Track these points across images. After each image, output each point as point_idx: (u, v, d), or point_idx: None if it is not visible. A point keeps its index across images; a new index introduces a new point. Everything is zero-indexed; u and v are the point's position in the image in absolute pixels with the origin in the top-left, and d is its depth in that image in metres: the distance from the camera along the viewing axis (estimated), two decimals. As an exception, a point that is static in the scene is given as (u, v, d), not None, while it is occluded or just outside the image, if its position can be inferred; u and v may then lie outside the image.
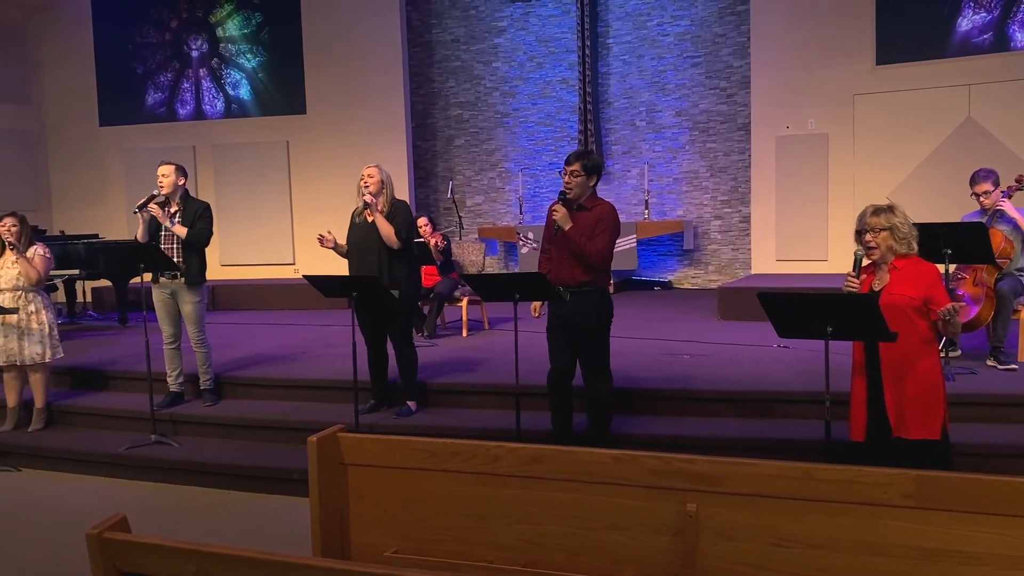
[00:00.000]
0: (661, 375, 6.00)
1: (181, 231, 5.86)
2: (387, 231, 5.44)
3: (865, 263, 3.77)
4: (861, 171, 10.11)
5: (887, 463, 3.22)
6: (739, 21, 11.62)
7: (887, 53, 9.92)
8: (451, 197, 11.75)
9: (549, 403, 5.01)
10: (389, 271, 5.48)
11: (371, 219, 5.47)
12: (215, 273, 12.34)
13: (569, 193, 4.76)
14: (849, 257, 3.78)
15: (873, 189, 9.32)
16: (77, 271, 9.16)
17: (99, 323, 10.12)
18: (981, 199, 5.84)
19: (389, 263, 5.49)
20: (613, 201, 5.17)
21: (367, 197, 5.48)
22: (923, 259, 3.72)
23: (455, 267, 8.40)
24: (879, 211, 3.71)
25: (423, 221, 8.25)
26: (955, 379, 5.31)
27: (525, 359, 4.97)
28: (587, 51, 12.14)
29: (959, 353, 6.02)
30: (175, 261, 5.82)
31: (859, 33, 10.03)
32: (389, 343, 5.70)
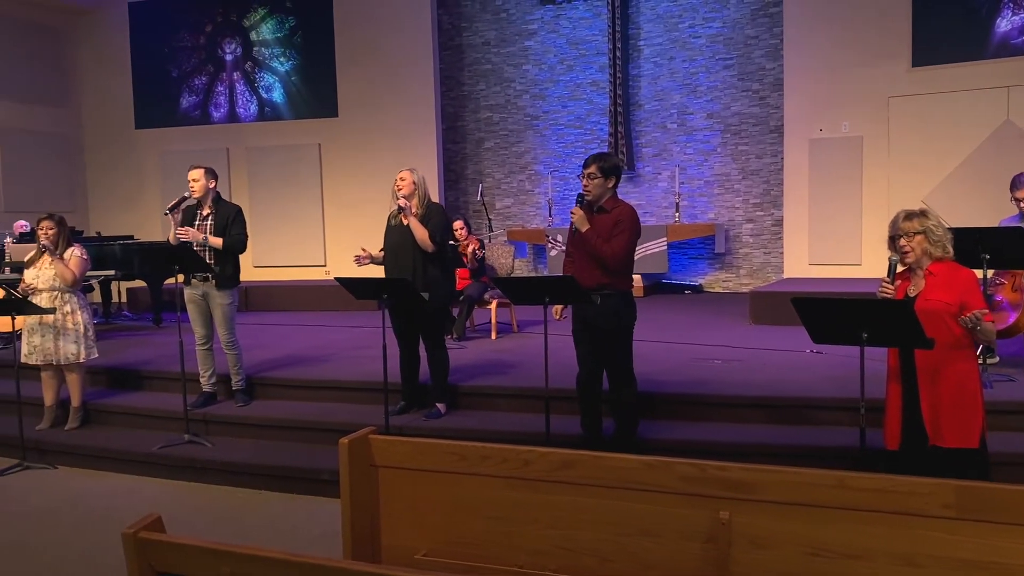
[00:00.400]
0: (691, 379, 5.95)
1: (217, 242, 5.91)
2: (421, 234, 5.46)
3: (900, 269, 3.72)
4: (896, 175, 9.97)
5: (922, 472, 3.17)
6: (772, 23, 11.52)
7: (923, 54, 9.78)
8: (480, 199, 11.76)
9: (579, 407, 5.00)
10: (423, 274, 5.50)
11: (406, 222, 5.50)
12: (248, 274, 12.46)
13: (587, 195, 4.75)
14: (883, 261, 3.72)
15: (908, 193, 9.19)
16: (113, 272, 9.30)
17: (134, 323, 10.27)
18: (1022, 204, 5.73)
19: (423, 266, 5.51)
20: (643, 204, 5.16)
21: (400, 201, 5.50)
22: (959, 264, 3.66)
23: (487, 271, 8.41)
24: (911, 215, 3.66)
25: (459, 224, 8.26)
26: (993, 386, 5.21)
27: (555, 362, 4.96)
28: (618, 53, 12.11)
29: (997, 360, 5.91)
30: (208, 263, 5.88)
31: (895, 34, 9.90)
32: (421, 345, 5.72)
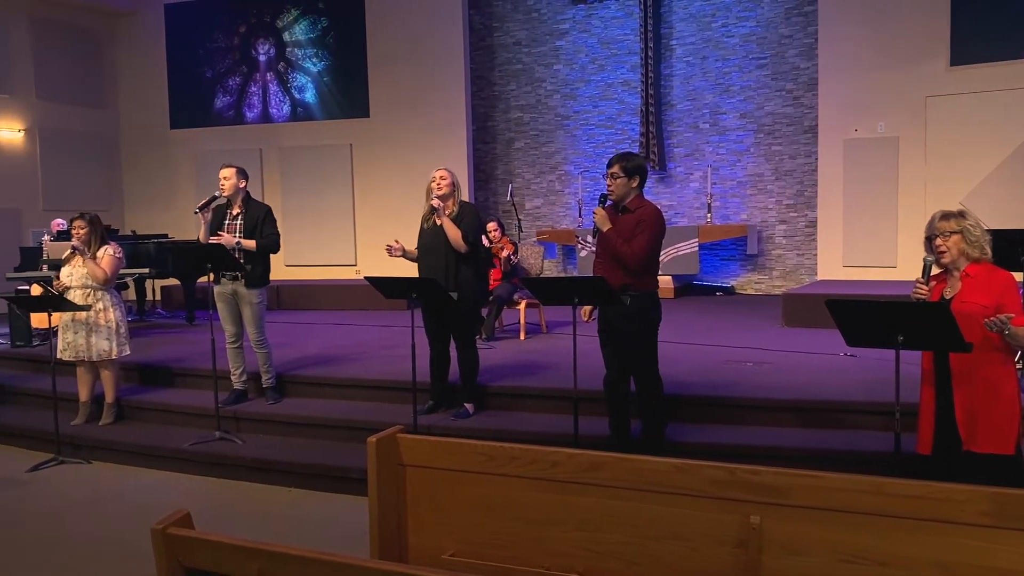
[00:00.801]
0: (722, 382, 5.89)
1: (251, 245, 5.93)
2: (454, 235, 5.45)
3: (935, 271, 3.64)
4: (933, 176, 9.81)
5: (956, 478, 3.11)
6: (806, 22, 11.39)
7: (962, 53, 9.61)
8: (510, 200, 11.75)
9: (606, 408, 4.97)
10: (456, 274, 5.49)
11: (439, 223, 5.50)
12: (280, 273, 12.57)
13: (611, 195, 4.72)
14: (919, 264, 3.65)
15: (945, 194, 9.04)
16: (147, 270, 9.41)
17: (167, 321, 10.39)
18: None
19: (456, 266, 5.50)
20: (675, 204, 5.11)
21: (435, 202, 5.49)
22: (997, 266, 3.58)
23: (518, 272, 8.40)
24: (948, 215, 3.59)
25: (492, 226, 8.26)
26: (1032, 392, 5.10)
27: (584, 363, 4.93)
28: (650, 53, 12.04)
29: (1036, 364, 5.78)
30: (240, 262, 5.92)
31: (933, 33, 9.74)
32: (452, 345, 5.73)
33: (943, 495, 2.55)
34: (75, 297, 6.16)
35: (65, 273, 6.28)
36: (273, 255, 6.16)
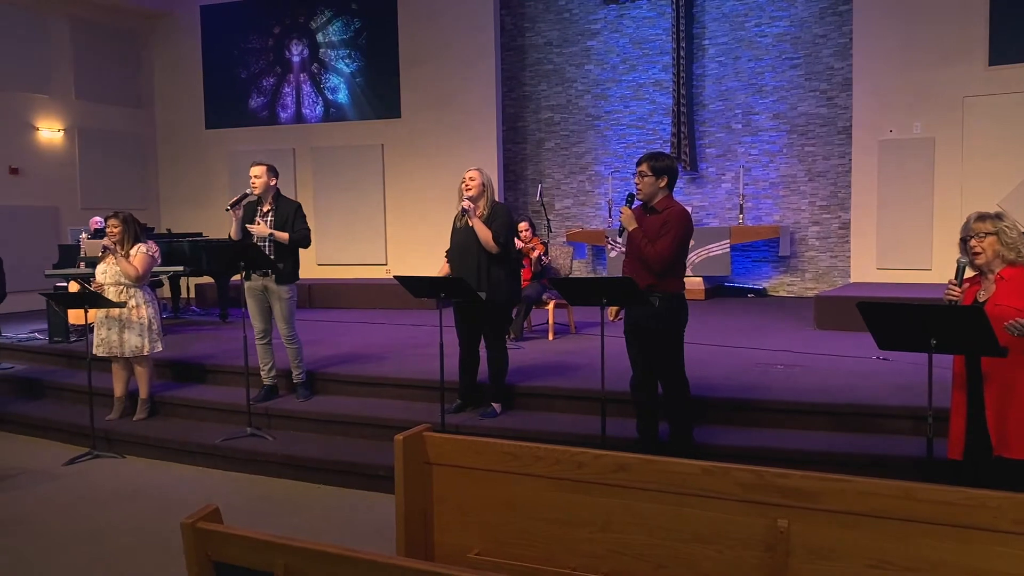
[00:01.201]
0: (752, 384, 5.84)
1: (284, 236, 6.01)
2: (485, 235, 5.46)
3: (969, 273, 3.59)
4: (969, 177, 9.65)
5: (986, 483, 3.06)
6: (841, 21, 11.26)
7: (1001, 53, 9.45)
8: (540, 200, 11.75)
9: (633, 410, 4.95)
10: (487, 275, 5.50)
11: (471, 223, 5.51)
12: (312, 272, 12.72)
13: (638, 194, 4.70)
14: (955, 266, 3.60)
15: (982, 196, 8.89)
16: (181, 268, 9.54)
17: (201, 318, 10.52)
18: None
19: (487, 267, 5.51)
20: (706, 205, 5.07)
21: (465, 203, 5.51)
22: (1034, 269, 3.52)
23: (548, 272, 8.39)
24: (985, 216, 3.55)
25: (523, 226, 8.26)
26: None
27: (612, 364, 4.91)
28: (682, 53, 11.97)
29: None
30: (271, 259, 5.99)
31: (971, 32, 9.58)
32: (482, 345, 5.74)
33: (976, 501, 2.51)
34: (109, 294, 6.26)
35: (100, 270, 6.39)
36: (303, 251, 6.23)
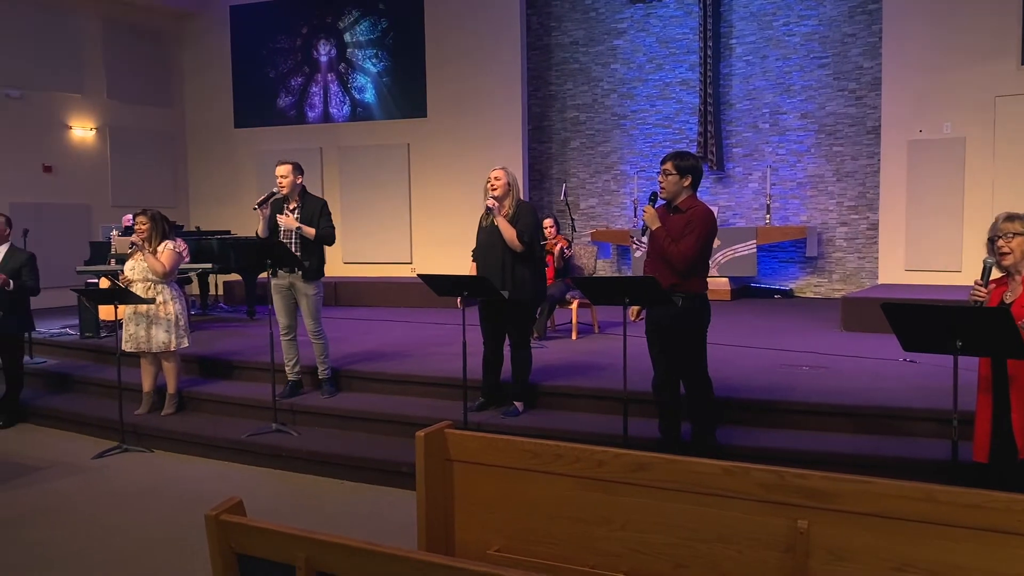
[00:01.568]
0: (777, 385, 5.81)
1: (310, 231, 6.08)
2: (509, 234, 5.47)
3: (996, 274, 3.55)
4: (1001, 178, 9.52)
5: (1012, 487, 3.02)
6: (870, 20, 11.16)
7: (1034, 52, 9.31)
8: (564, 199, 11.74)
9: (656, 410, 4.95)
10: (512, 273, 5.51)
11: (496, 222, 5.53)
12: (339, 270, 12.81)
13: (662, 193, 4.69)
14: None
15: (1013, 198, 8.78)
16: (210, 265, 9.65)
17: (229, 315, 10.64)
18: None
19: (512, 265, 5.52)
20: (732, 205, 5.05)
21: (489, 202, 5.53)
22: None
23: (573, 271, 8.39)
24: (1013, 217, 3.51)
25: (548, 223, 8.26)
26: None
27: (635, 364, 4.91)
28: (709, 52, 11.91)
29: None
30: (297, 257, 6.05)
31: (1002, 31, 9.45)
32: (506, 344, 5.75)
33: (1001, 505, 2.48)
34: (137, 290, 6.34)
35: (128, 267, 6.48)
36: (328, 249, 6.30)
